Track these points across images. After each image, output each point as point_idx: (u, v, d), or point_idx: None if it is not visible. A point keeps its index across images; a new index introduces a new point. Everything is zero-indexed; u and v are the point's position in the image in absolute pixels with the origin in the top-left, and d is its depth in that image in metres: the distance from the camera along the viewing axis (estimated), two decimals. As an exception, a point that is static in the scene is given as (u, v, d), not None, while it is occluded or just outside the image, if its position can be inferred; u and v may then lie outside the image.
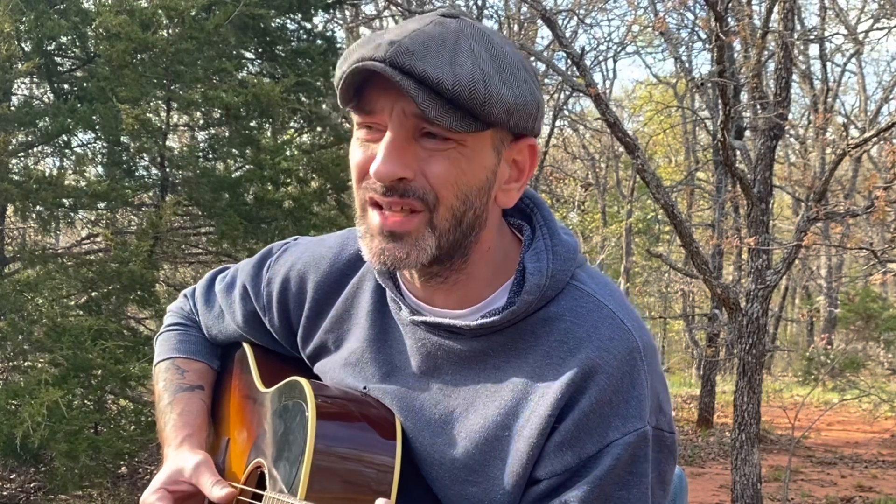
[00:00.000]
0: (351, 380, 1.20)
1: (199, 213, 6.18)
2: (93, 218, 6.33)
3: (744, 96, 8.77)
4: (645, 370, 1.06)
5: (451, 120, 0.99)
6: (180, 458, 1.26)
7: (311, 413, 1.09)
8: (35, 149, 6.10)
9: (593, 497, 1.02)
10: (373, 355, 1.19)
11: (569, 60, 7.91)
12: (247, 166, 6.30)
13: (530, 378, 1.07)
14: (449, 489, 1.10)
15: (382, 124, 1.03)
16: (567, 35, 11.60)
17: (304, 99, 6.50)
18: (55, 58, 5.97)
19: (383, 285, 1.18)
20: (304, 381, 1.16)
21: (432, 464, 1.11)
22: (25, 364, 5.54)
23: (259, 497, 1.18)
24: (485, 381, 1.10)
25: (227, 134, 6.34)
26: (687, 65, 14.46)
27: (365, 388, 1.18)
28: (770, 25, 6.15)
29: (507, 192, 1.09)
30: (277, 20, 6.61)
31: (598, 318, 1.07)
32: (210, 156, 6.50)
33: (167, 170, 5.94)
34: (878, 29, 12.19)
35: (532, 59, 11.33)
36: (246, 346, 1.40)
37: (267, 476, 1.18)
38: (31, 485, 5.87)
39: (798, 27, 10.86)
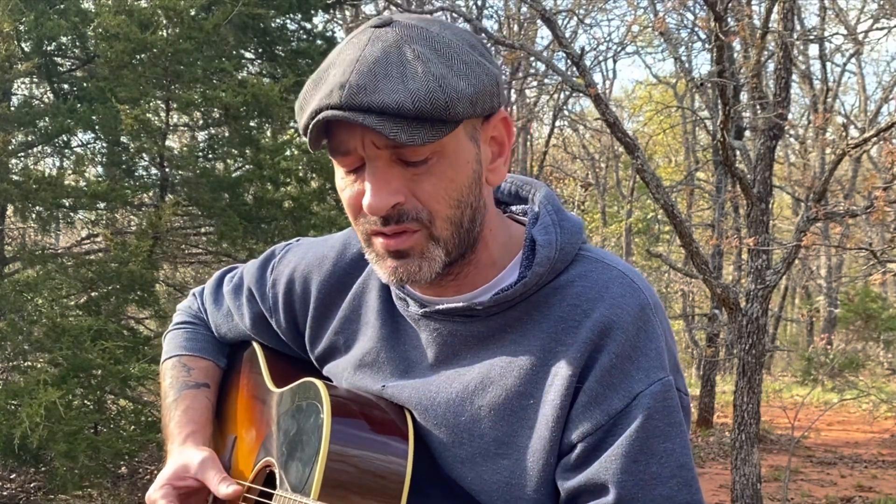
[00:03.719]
0: (368, 380, 1.20)
1: (199, 213, 6.17)
2: (93, 218, 6.32)
3: (744, 96, 8.77)
4: (659, 324, 1.08)
5: (423, 135, 0.99)
6: (185, 454, 1.27)
7: (326, 415, 1.09)
8: (35, 149, 6.10)
9: (635, 451, 1.02)
10: (388, 354, 1.19)
11: (568, 60, 7.89)
12: (246, 166, 6.30)
13: (548, 344, 1.08)
14: (481, 465, 1.10)
15: (359, 160, 1.04)
16: (567, 35, 11.60)
17: (303, 99, 6.49)
18: (55, 58, 5.97)
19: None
20: (318, 383, 1.16)
21: (462, 443, 1.11)
22: (25, 364, 5.54)
23: (267, 496, 1.18)
24: (502, 354, 1.11)
25: (226, 134, 6.34)
26: (687, 65, 14.49)
27: (383, 386, 1.18)
28: (770, 25, 6.15)
29: (494, 170, 1.10)
30: (277, 20, 6.61)
31: (609, 279, 1.09)
32: (210, 156, 6.50)
33: (167, 170, 5.94)
34: (877, 29, 12.21)
35: (532, 59, 11.34)
36: (256, 345, 1.40)
37: (277, 476, 1.18)
38: (31, 485, 5.87)
39: (798, 27, 10.86)
